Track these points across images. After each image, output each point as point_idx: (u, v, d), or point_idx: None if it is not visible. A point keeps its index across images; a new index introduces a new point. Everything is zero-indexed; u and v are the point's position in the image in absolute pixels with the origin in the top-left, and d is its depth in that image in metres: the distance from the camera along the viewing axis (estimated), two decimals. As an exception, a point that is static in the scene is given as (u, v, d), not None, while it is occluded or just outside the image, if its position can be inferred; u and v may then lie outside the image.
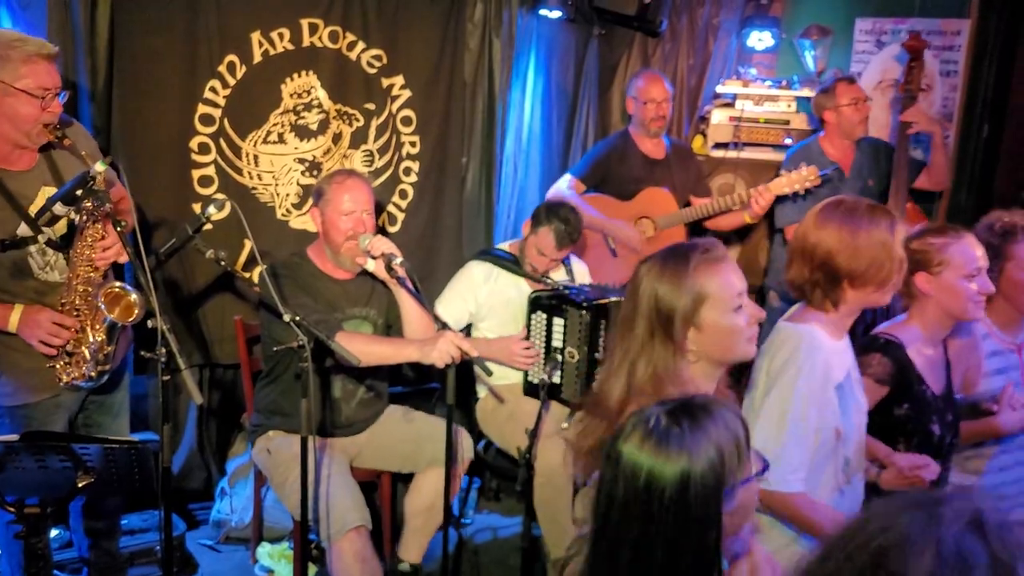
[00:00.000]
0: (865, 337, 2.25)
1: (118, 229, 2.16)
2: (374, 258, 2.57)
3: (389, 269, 2.52)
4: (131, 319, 2.27)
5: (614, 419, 1.49)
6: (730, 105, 4.12)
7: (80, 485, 1.91)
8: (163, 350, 2.02)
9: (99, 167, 2.12)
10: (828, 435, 1.85)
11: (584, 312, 2.80)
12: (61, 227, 2.30)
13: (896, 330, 2.20)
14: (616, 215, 3.58)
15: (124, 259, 2.29)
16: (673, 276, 1.56)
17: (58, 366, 2.29)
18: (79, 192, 2.16)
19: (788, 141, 3.97)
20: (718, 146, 4.07)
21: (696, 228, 3.74)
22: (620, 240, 3.57)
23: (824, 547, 0.70)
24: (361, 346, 2.44)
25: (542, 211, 3.00)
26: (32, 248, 2.27)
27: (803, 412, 1.81)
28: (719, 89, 4.21)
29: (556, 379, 2.86)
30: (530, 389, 3.01)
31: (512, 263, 3.08)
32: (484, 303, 3.06)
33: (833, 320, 1.91)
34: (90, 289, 2.28)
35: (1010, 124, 4.24)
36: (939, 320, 2.17)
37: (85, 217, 2.22)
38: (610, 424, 1.48)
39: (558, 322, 2.88)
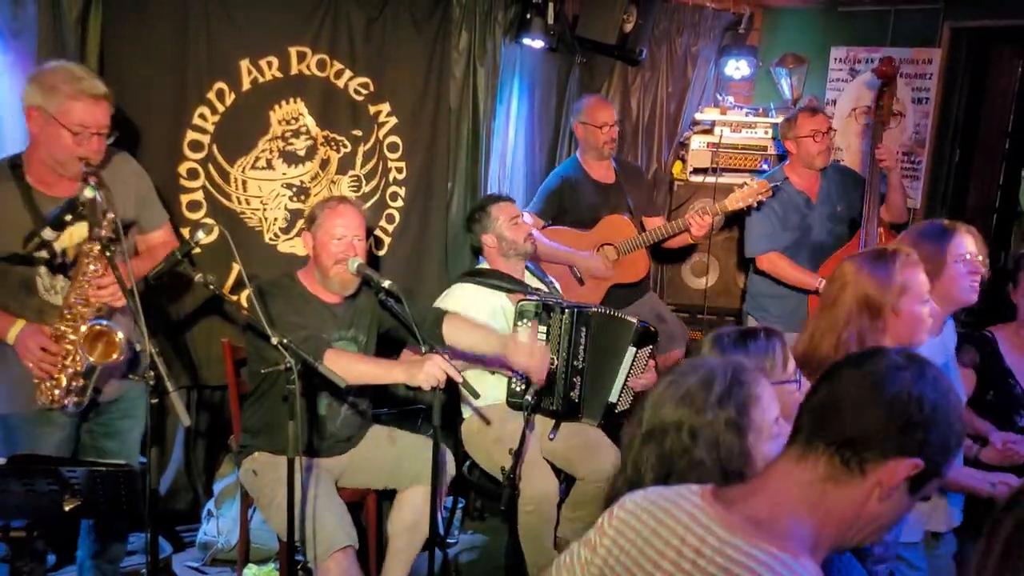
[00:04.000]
0: (964, 332, 2.56)
1: (107, 254, 2.16)
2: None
3: (378, 291, 2.56)
4: (110, 360, 2.24)
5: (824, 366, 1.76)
6: (708, 132, 4.21)
7: (67, 508, 1.93)
8: (151, 373, 2.04)
9: (88, 193, 2.14)
10: None
11: (565, 315, 2.96)
12: (71, 247, 2.31)
13: (997, 329, 2.58)
14: (578, 245, 3.64)
15: (121, 303, 2.26)
16: (882, 274, 1.99)
17: (43, 386, 2.30)
18: (68, 217, 2.19)
19: (765, 167, 4.06)
20: (697, 171, 4.16)
21: (654, 249, 3.80)
22: (586, 272, 3.64)
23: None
24: (350, 364, 2.47)
25: (475, 211, 3.20)
26: (42, 269, 2.31)
27: None
28: (698, 116, 4.31)
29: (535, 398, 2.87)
30: (513, 400, 3.02)
31: (497, 277, 3.12)
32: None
33: None
34: (79, 323, 2.29)
35: (980, 149, 4.37)
36: None
37: (90, 244, 2.21)
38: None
39: (542, 329, 2.97)
